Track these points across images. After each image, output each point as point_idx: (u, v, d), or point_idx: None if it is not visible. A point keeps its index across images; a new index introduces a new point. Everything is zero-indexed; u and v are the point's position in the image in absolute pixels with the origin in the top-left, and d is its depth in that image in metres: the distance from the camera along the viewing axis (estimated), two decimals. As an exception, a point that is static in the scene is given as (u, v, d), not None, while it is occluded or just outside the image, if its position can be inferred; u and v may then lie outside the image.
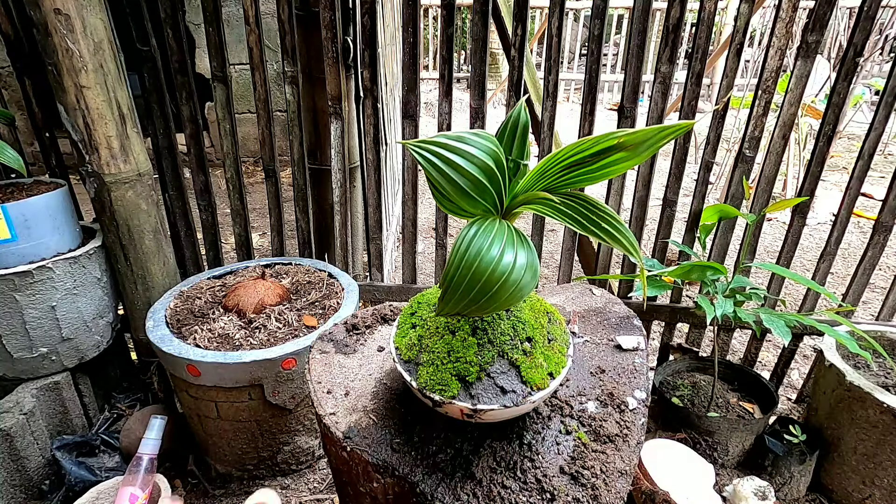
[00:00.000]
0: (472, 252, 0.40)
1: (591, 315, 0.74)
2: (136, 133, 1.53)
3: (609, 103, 7.75)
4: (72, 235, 1.60)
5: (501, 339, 0.48)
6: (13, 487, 1.49)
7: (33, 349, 1.53)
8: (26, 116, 1.85)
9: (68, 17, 1.31)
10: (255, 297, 1.56)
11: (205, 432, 1.56)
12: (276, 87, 4.38)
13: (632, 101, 1.66)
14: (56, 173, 1.84)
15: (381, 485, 0.50)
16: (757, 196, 1.71)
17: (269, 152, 1.85)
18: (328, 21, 1.66)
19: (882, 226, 1.69)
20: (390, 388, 0.58)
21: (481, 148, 0.41)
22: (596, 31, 1.58)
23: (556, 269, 2.52)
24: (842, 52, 1.72)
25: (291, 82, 1.75)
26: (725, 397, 1.74)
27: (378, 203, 1.91)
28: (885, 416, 1.41)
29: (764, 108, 1.60)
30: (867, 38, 1.49)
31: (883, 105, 1.54)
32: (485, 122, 1.73)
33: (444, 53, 1.67)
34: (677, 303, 1.92)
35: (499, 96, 7.68)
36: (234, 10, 4.33)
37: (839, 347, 1.63)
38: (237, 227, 1.96)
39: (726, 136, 4.39)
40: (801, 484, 1.61)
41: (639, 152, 0.39)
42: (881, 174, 4.68)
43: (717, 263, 1.44)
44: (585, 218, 0.42)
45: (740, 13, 1.52)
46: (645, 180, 1.75)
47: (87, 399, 1.75)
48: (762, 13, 5.03)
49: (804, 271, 3.10)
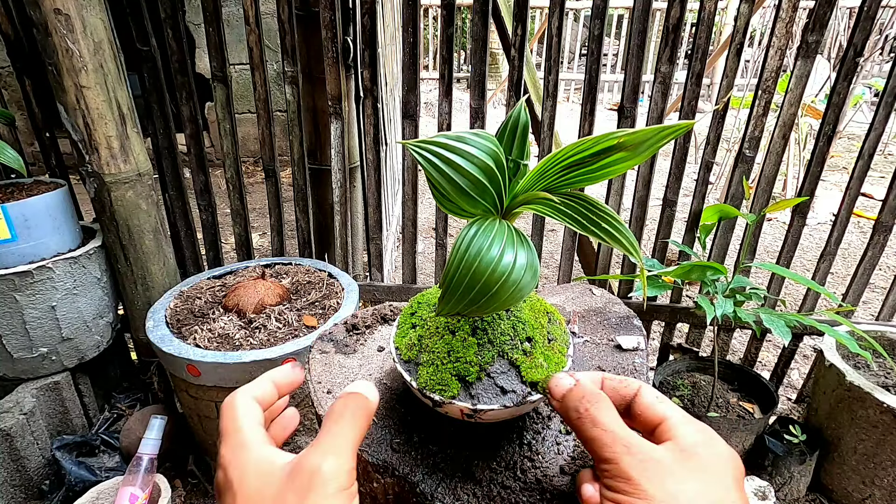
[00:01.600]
0: (472, 252, 0.40)
1: (591, 315, 0.74)
2: (136, 133, 1.53)
3: (609, 103, 7.75)
4: (72, 235, 1.60)
5: (501, 339, 0.48)
6: (13, 487, 1.49)
7: (33, 349, 1.53)
8: (26, 116, 1.85)
9: (68, 17, 1.31)
10: (255, 297, 1.56)
11: (205, 432, 1.56)
12: (276, 87, 4.38)
13: (632, 101, 1.66)
14: (56, 173, 1.84)
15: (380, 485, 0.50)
16: (757, 196, 1.71)
17: (269, 152, 1.85)
18: (328, 21, 1.66)
19: (882, 226, 1.69)
20: (390, 388, 0.58)
21: (481, 148, 0.41)
22: (596, 31, 1.58)
23: (556, 269, 2.52)
24: (842, 52, 1.72)
25: (291, 82, 1.75)
26: (725, 397, 1.74)
27: (378, 203, 1.91)
28: (885, 416, 1.41)
29: (764, 108, 1.60)
30: (867, 38, 1.49)
31: (883, 105, 1.54)
32: (485, 122, 1.73)
33: (444, 53, 1.67)
34: (677, 303, 1.92)
35: (499, 96, 7.68)
36: (234, 10, 4.33)
37: (839, 347, 1.63)
38: (237, 227, 1.96)
39: (726, 136, 4.39)
40: (801, 484, 1.61)
41: (639, 152, 0.39)
42: (881, 174, 4.68)
43: (717, 263, 1.44)
44: (585, 218, 0.42)
45: (740, 13, 1.51)
46: (645, 180, 1.75)
47: (87, 399, 1.75)
48: (762, 13, 5.04)
49: (804, 271, 3.10)
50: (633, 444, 0.34)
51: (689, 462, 0.34)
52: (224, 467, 0.34)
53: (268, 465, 0.33)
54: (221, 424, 0.36)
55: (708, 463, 0.34)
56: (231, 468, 0.34)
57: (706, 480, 0.33)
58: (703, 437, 0.35)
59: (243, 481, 0.33)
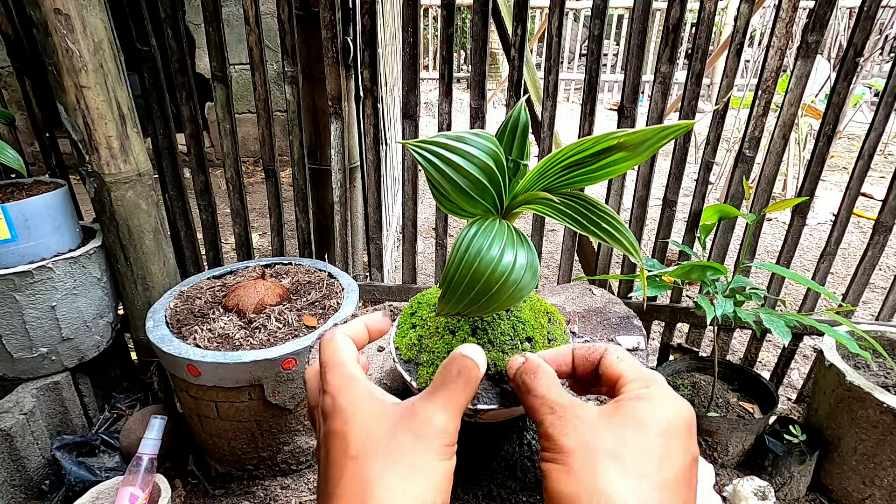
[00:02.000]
0: (472, 252, 0.40)
1: (591, 315, 0.74)
2: (136, 133, 1.53)
3: (609, 103, 7.75)
4: (72, 235, 1.60)
5: (501, 339, 0.48)
6: (13, 487, 1.49)
7: (33, 349, 1.53)
8: (26, 116, 1.85)
9: (68, 17, 1.30)
10: (255, 297, 1.56)
11: (205, 432, 1.56)
12: (276, 87, 4.38)
13: (632, 101, 1.66)
14: (56, 173, 1.84)
15: (381, 485, 0.50)
16: (757, 196, 1.71)
17: (269, 152, 1.85)
18: (328, 21, 1.66)
19: (882, 226, 1.69)
20: (390, 388, 0.58)
21: (481, 148, 0.41)
22: (596, 31, 1.58)
23: (556, 269, 2.52)
24: (842, 52, 1.72)
25: (291, 82, 1.75)
26: (725, 397, 1.74)
27: (378, 203, 1.91)
28: (885, 416, 1.41)
29: (764, 108, 1.60)
30: (867, 38, 1.49)
31: (883, 105, 1.54)
32: (485, 122, 1.73)
33: (444, 53, 1.67)
34: (677, 303, 1.92)
35: (499, 96, 7.68)
36: (234, 10, 4.33)
37: (839, 347, 1.63)
38: (237, 227, 1.96)
39: (726, 136, 4.39)
40: (801, 484, 1.61)
41: (639, 152, 0.39)
42: (881, 174, 4.68)
43: (717, 263, 1.44)
44: (585, 218, 0.42)
45: (740, 13, 1.51)
46: (645, 180, 1.75)
47: (87, 399, 1.75)
48: (762, 13, 5.03)
49: (804, 271, 3.10)
50: (558, 405, 0.35)
51: (615, 415, 0.34)
52: (333, 394, 0.35)
53: (380, 402, 0.35)
54: (323, 357, 0.38)
55: (638, 415, 0.33)
56: (341, 395, 0.35)
57: (629, 432, 0.32)
58: (646, 393, 0.35)
59: (357, 410, 0.34)
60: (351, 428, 0.33)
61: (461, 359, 0.36)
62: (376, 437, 0.32)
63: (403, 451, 0.32)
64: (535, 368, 0.38)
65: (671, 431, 0.33)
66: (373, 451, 0.32)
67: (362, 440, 0.32)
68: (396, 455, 0.31)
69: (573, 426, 0.33)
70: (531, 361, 0.38)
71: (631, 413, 0.33)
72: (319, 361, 0.38)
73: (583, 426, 0.33)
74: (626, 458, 0.31)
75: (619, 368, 0.37)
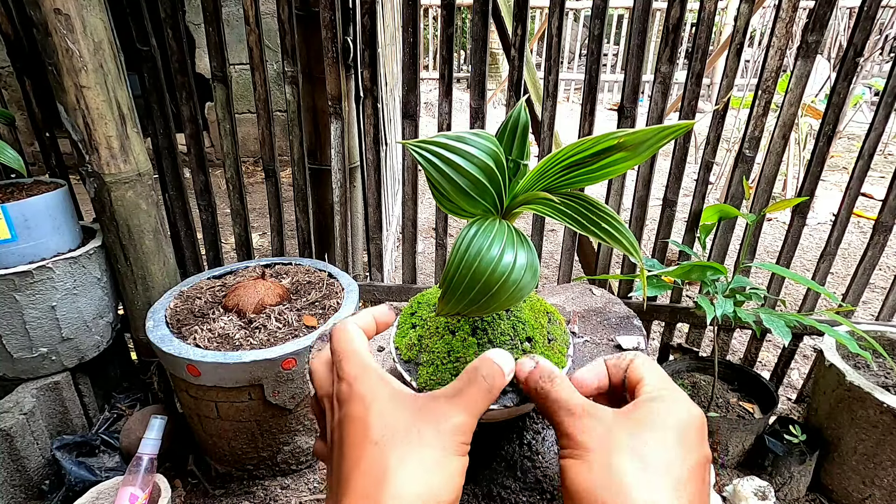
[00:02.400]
0: (472, 252, 0.40)
1: (591, 315, 0.74)
2: (136, 133, 1.53)
3: (609, 103, 7.75)
4: (72, 235, 1.60)
5: (501, 339, 0.48)
6: (13, 487, 1.49)
7: (33, 349, 1.53)
8: (26, 116, 1.85)
9: (68, 17, 1.30)
10: (255, 297, 1.56)
11: (205, 432, 1.56)
12: (276, 87, 4.38)
13: (632, 101, 1.66)
14: (56, 173, 1.84)
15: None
16: (757, 196, 1.71)
17: (269, 152, 1.85)
18: (328, 21, 1.66)
19: (882, 226, 1.69)
20: (390, 388, 0.58)
21: (481, 148, 0.41)
22: (596, 31, 1.58)
23: (556, 269, 2.52)
24: (842, 52, 1.72)
25: (291, 82, 1.75)
26: (725, 397, 1.74)
27: (378, 203, 1.91)
28: (885, 416, 1.41)
29: (764, 108, 1.60)
30: (867, 38, 1.49)
31: (883, 105, 1.54)
32: (485, 122, 1.73)
33: (444, 53, 1.67)
34: (677, 303, 1.92)
35: (499, 96, 7.68)
36: (234, 10, 4.33)
37: (839, 347, 1.63)
38: (237, 227, 1.96)
39: (726, 136, 4.39)
40: (801, 484, 1.61)
41: (639, 152, 0.39)
42: (881, 174, 4.68)
43: (717, 263, 1.44)
44: (585, 218, 0.42)
45: (740, 13, 1.51)
46: (645, 180, 1.75)
47: (87, 399, 1.75)
48: (762, 13, 5.03)
49: (804, 271, 3.10)
50: (576, 406, 0.36)
51: (631, 415, 0.35)
52: (350, 381, 0.36)
53: (397, 391, 0.35)
54: (336, 346, 0.38)
55: (654, 415, 0.35)
56: (359, 383, 0.35)
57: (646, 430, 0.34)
58: (663, 394, 0.36)
59: (375, 398, 0.34)
60: (370, 414, 0.34)
61: (490, 365, 0.36)
62: (395, 426, 0.33)
63: (423, 443, 0.32)
64: (553, 375, 0.38)
65: (686, 430, 0.34)
66: (392, 439, 0.33)
67: (381, 427, 0.33)
68: (416, 446, 0.32)
69: (591, 425, 0.35)
70: (544, 366, 0.39)
71: (647, 412, 0.35)
72: (331, 350, 0.38)
73: (600, 425, 0.35)
74: (644, 454, 0.33)
75: (641, 373, 0.38)
